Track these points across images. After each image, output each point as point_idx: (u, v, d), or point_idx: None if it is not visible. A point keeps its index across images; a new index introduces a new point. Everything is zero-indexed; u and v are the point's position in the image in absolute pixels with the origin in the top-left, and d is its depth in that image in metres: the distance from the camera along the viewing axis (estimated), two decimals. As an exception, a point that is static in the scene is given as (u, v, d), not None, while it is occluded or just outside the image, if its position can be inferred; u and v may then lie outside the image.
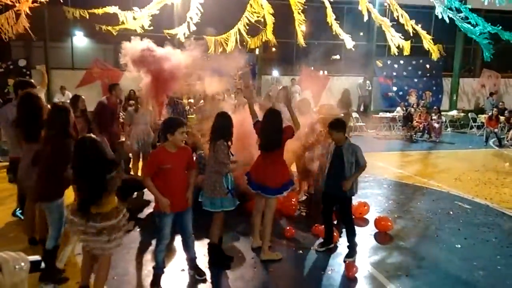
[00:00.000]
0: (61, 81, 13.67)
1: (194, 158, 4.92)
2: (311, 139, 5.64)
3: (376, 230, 5.18)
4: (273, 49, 14.85)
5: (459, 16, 6.81)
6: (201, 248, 4.50)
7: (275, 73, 15.21)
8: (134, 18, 8.31)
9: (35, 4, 7.76)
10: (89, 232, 3.13)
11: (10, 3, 7.60)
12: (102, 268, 3.33)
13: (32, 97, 4.43)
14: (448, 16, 6.97)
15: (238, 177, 4.54)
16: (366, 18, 8.33)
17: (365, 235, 5.05)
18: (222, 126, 4.07)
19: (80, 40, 15.94)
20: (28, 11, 8.25)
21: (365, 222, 5.51)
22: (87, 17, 8.60)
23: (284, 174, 4.40)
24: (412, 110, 14.54)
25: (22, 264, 0.98)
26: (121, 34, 9.57)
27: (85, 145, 3.18)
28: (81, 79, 14.04)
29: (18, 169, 4.36)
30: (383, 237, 5.04)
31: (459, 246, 4.79)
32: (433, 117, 13.78)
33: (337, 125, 4.37)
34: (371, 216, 5.63)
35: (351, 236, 4.47)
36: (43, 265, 1.04)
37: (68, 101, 6.79)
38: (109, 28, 9.11)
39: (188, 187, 3.72)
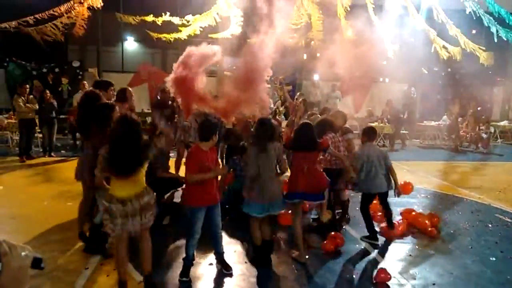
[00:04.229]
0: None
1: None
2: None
3: (412, 241, 5.12)
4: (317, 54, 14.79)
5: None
6: (232, 245, 4.67)
7: (316, 77, 15.09)
8: (184, 26, 8.77)
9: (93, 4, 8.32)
10: (129, 214, 3.34)
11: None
12: (145, 240, 3.56)
13: (93, 99, 4.53)
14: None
15: None
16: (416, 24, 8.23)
17: (395, 243, 5.03)
18: (268, 130, 4.19)
19: (130, 45, 16.79)
20: (85, 16, 8.85)
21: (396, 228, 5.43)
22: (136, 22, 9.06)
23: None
24: (460, 119, 13.99)
25: (27, 252, 1.12)
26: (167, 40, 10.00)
27: (125, 120, 3.43)
28: (129, 81, 14.76)
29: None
30: (413, 245, 4.98)
31: (494, 259, 4.62)
32: (481, 127, 13.21)
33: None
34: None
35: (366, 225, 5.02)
36: (43, 265, 1.14)
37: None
38: (161, 35, 9.62)
39: (218, 183, 3.94)
